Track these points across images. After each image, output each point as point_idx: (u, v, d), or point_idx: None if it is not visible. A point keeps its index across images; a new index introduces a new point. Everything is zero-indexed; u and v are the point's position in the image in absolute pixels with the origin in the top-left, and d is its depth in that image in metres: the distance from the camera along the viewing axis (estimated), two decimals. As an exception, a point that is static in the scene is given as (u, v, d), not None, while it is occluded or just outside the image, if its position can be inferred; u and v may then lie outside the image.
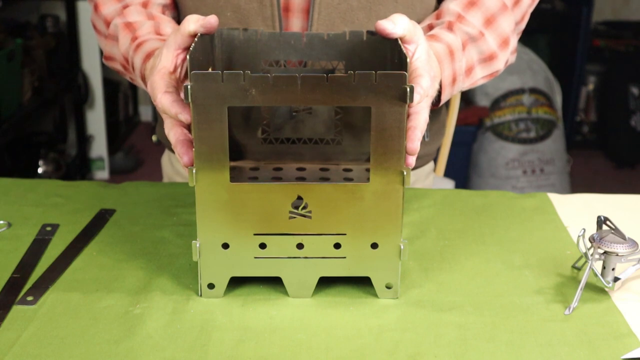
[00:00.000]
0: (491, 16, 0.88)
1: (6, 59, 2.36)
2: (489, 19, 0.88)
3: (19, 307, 0.73)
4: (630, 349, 0.68)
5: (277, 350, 0.67)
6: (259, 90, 0.68)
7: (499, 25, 0.88)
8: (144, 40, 0.86)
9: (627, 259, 0.76)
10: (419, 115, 0.74)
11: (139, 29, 0.88)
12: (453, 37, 0.85)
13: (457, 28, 0.86)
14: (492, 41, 0.88)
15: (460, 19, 0.87)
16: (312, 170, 0.89)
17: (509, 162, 2.79)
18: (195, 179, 0.71)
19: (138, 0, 0.93)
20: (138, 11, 0.91)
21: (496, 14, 0.88)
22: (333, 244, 0.73)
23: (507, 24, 0.89)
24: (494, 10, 0.88)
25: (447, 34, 0.85)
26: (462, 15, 0.87)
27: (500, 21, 0.88)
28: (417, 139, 0.72)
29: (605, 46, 3.52)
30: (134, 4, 0.93)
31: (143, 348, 0.67)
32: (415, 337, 0.69)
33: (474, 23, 0.87)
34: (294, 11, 0.92)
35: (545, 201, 0.98)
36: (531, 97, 2.83)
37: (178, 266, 0.81)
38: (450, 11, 0.88)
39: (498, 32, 0.88)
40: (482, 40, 0.87)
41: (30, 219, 0.91)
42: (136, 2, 0.93)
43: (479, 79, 0.91)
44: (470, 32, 0.86)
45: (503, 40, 0.89)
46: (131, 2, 0.93)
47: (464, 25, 0.86)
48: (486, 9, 0.88)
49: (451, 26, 0.86)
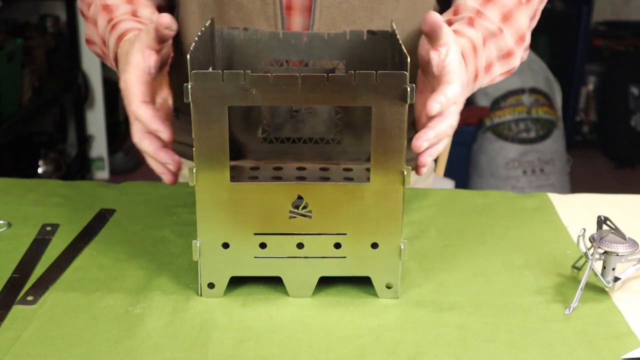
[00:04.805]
0: (508, 12, 0.87)
1: (6, 59, 2.36)
2: (506, 15, 0.87)
3: (19, 307, 0.73)
4: (630, 349, 0.68)
5: (277, 350, 0.67)
6: (260, 89, 0.68)
7: (515, 21, 0.88)
8: (119, 21, 0.85)
9: (627, 259, 0.76)
10: (443, 118, 0.72)
11: (116, 11, 0.87)
12: (474, 32, 0.84)
13: (478, 23, 0.85)
14: (509, 37, 0.87)
15: (480, 15, 0.86)
16: (313, 170, 0.89)
17: (509, 162, 2.79)
18: (195, 178, 0.71)
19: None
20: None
21: (513, 10, 0.87)
22: (333, 243, 0.73)
23: (523, 20, 0.89)
24: (511, 5, 0.88)
25: (468, 29, 0.84)
26: (480, 11, 0.86)
27: (517, 16, 0.88)
28: (424, 138, 0.71)
29: (605, 46, 3.52)
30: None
31: (143, 348, 0.67)
32: (415, 337, 0.69)
33: (493, 19, 0.86)
34: (296, 10, 0.92)
35: (545, 201, 0.98)
36: (531, 97, 2.83)
37: (178, 266, 0.81)
38: (468, 7, 0.87)
39: (515, 28, 0.88)
40: (501, 36, 0.86)
41: (30, 219, 0.91)
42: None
43: (497, 76, 0.90)
44: (490, 28, 0.85)
45: (520, 36, 0.88)
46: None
47: (484, 21, 0.85)
48: (503, 4, 0.87)
49: (472, 22, 0.85)
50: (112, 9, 0.88)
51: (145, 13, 0.88)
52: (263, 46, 0.89)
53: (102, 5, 0.89)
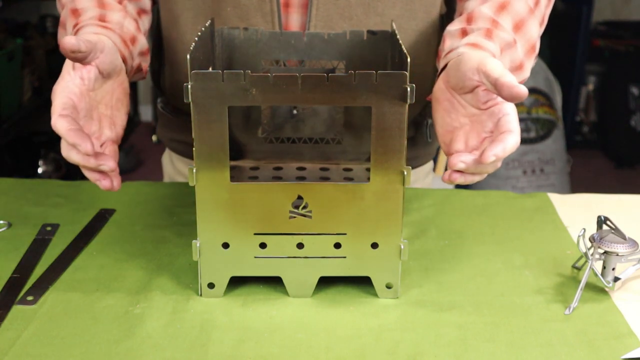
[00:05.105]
0: (520, 20, 0.85)
1: (6, 59, 2.36)
2: (518, 24, 0.84)
3: (19, 307, 0.73)
4: (630, 349, 0.68)
5: (277, 350, 0.67)
6: (260, 89, 0.68)
7: (527, 31, 0.85)
8: (82, 26, 0.83)
9: (627, 258, 0.76)
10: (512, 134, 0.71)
11: (83, 15, 0.85)
12: (493, 45, 0.81)
13: (495, 35, 0.82)
14: (520, 49, 0.85)
15: (496, 25, 0.83)
16: (313, 170, 0.89)
17: (509, 162, 2.79)
18: (195, 178, 0.71)
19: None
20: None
21: (525, 18, 0.85)
22: (333, 243, 0.73)
23: (534, 29, 0.86)
24: (523, 14, 0.85)
25: (487, 42, 0.81)
26: (496, 20, 0.84)
27: (528, 25, 0.86)
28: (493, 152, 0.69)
29: (605, 46, 3.52)
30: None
31: (143, 348, 0.67)
32: (415, 337, 0.69)
33: (507, 28, 0.84)
34: (293, 6, 0.92)
35: (545, 201, 0.98)
36: (531, 97, 2.83)
37: (178, 266, 0.81)
38: (483, 15, 0.84)
39: (526, 38, 0.85)
40: (514, 47, 0.84)
41: (30, 219, 0.91)
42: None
43: None
44: (506, 39, 0.83)
45: (531, 46, 0.86)
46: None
47: (500, 31, 0.83)
48: (515, 12, 0.85)
49: (490, 34, 0.82)
50: (80, 13, 0.86)
51: (115, 17, 0.86)
52: (263, 46, 0.89)
53: (71, 9, 0.87)
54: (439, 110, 0.78)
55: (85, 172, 0.76)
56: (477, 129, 0.74)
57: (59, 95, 0.74)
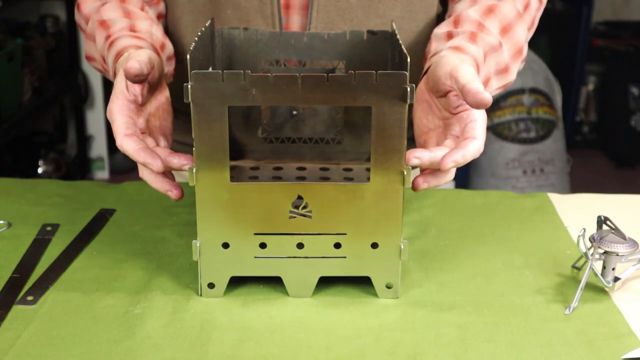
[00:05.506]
0: (508, 24, 0.85)
1: (6, 59, 2.36)
2: (506, 27, 0.85)
3: (19, 307, 0.73)
4: (630, 349, 0.68)
5: (277, 350, 0.67)
6: (260, 89, 0.68)
7: (514, 34, 0.86)
8: (116, 38, 0.83)
9: (627, 259, 0.76)
10: (474, 140, 0.71)
11: (113, 26, 0.86)
12: (476, 48, 0.81)
13: (480, 39, 0.83)
14: (507, 52, 0.85)
15: (481, 28, 0.84)
16: (313, 170, 0.89)
17: (509, 162, 2.79)
18: (195, 178, 0.71)
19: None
20: (114, 7, 0.88)
21: (512, 22, 0.86)
22: (333, 243, 0.73)
23: (522, 32, 0.87)
24: (510, 18, 0.86)
25: (470, 45, 0.81)
26: (482, 24, 0.84)
27: (516, 29, 0.86)
28: (452, 159, 0.70)
29: (605, 46, 3.52)
30: (112, 0, 0.90)
31: (143, 348, 0.67)
32: (415, 337, 0.69)
33: (493, 31, 0.84)
34: (294, 8, 0.92)
35: (545, 201, 0.98)
36: (531, 97, 2.83)
37: (178, 266, 0.81)
38: (469, 18, 0.85)
39: (513, 42, 0.86)
40: (500, 51, 0.84)
41: (30, 219, 0.91)
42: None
43: (494, 90, 0.88)
44: (491, 42, 0.83)
45: (517, 50, 0.86)
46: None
47: (486, 35, 0.83)
48: (503, 16, 0.85)
49: (474, 37, 0.83)
50: (110, 25, 0.86)
51: (143, 26, 0.86)
52: (263, 46, 0.89)
53: (99, 21, 0.87)
54: (418, 111, 0.79)
55: (153, 186, 0.76)
56: (447, 133, 0.75)
57: (119, 115, 0.73)
